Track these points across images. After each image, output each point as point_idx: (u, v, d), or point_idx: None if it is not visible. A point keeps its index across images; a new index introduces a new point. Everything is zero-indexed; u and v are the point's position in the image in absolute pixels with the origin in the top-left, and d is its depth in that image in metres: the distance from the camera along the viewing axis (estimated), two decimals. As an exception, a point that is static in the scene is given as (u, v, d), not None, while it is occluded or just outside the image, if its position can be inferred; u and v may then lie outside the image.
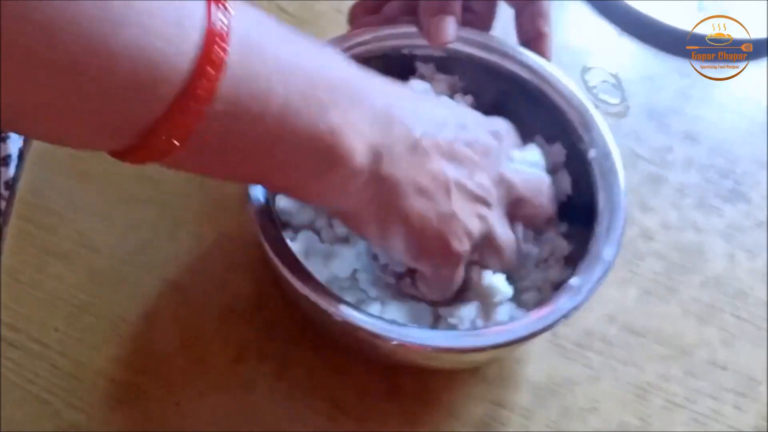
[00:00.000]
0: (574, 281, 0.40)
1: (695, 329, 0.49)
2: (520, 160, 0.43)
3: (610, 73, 0.49)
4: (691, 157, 0.56)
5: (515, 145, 0.44)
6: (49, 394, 0.43)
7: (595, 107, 0.46)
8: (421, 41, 0.47)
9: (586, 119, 0.45)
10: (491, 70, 0.48)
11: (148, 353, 0.45)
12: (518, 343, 0.39)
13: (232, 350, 0.45)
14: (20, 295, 0.46)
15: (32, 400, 0.43)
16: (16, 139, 0.52)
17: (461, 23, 0.47)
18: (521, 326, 0.39)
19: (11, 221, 0.49)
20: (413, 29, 0.47)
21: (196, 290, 0.47)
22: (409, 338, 0.38)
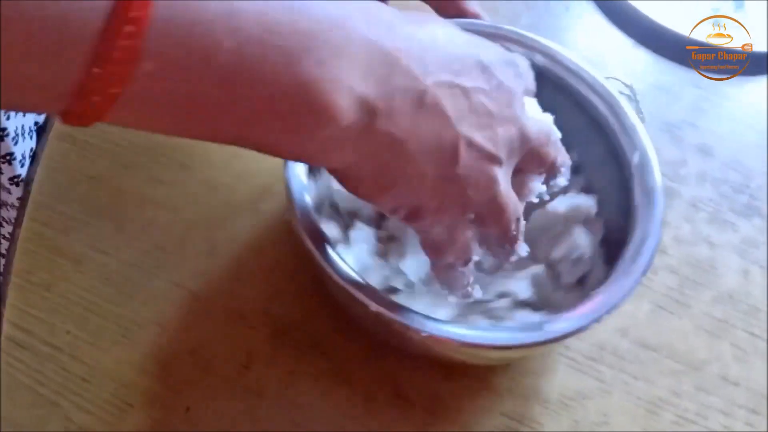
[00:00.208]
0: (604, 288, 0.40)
1: (707, 345, 0.49)
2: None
3: (625, 83, 0.49)
4: (704, 170, 0.56)
5: (530, 90, 0.40)
6: (59, 396, 0.43)
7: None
8: None
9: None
10: None
11: (158, 358, 0.45)
12: (550, 343, 0.39)
13: (241, 356, 0.45)
14: (31, 297, 0.46)
15: (42, 402, 0.43)
16: (28, 138, 0.53)
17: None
18: (554, 328, 0.39)
19: (24, 223, 0.49)
20: None
21: (206, 295, 0.47)
22: (439, 331, 0.38)
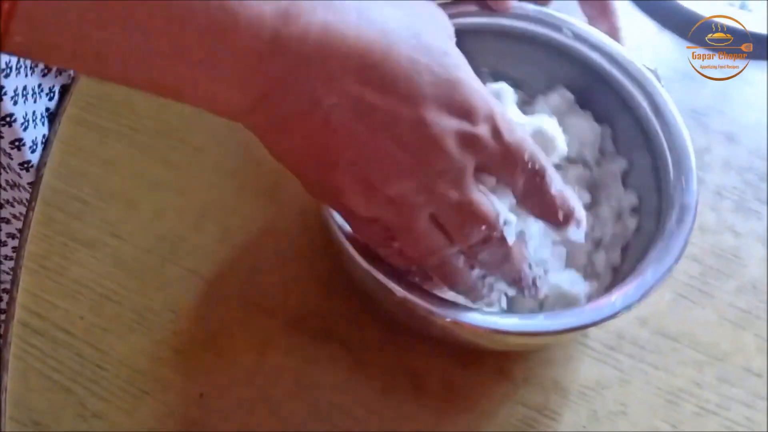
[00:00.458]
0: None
1: (730, 335, 0.48)
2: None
3: (649, 68, 0.47)
4: (730, 158, 0.55)
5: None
6: (73, 383, 0.43)
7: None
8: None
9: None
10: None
11: (172, 344, 0.45)
12: (574, 331, 0.39)
13: (256, 344, 0.45)
14: (45, 282, 0.46)
15: (56, 388, 0.43)
16: (39, 125, 0.52)
17: None
18: (576, 316, 0.39)
19: (37, 207, 0.48)
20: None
21: (221, 282, 0.47)
22: (462, 318, 0.38)
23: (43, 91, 0.52)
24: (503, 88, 0.44)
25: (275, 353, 0.45)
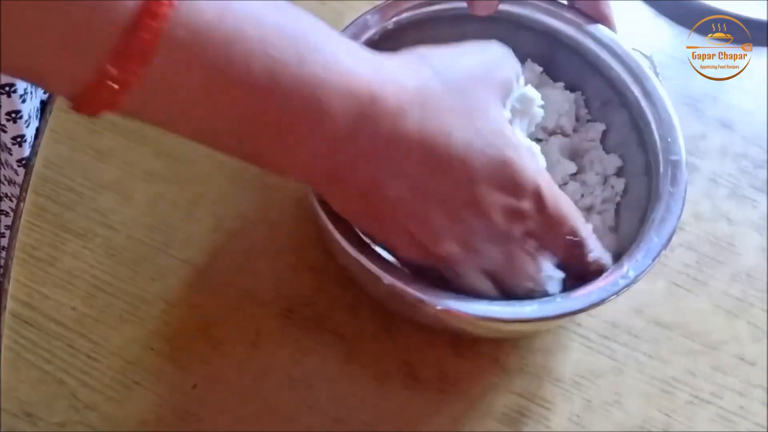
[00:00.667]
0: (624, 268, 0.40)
1: (724, 324, 0.48)
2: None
3: (644, 55, 0.47)
4: (725, 145, 0.55)
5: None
6: (65, 374, 0.43)
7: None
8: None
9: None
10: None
11: (165, 335, 0.44)
12: (565, 316, 0.39)
13: (249, 334, 0.45)
14: (37, 272, 0.46)
15: (48, 379, 0.43)
16: (33, 117, 0.52)
17: None
18: (567, 301, 0.39)
19: (28, 197, 0.48)
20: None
21: (214, 272, 0.47)
22: (452, 306, 0.38)
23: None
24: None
25: (268, 343, 0.44)
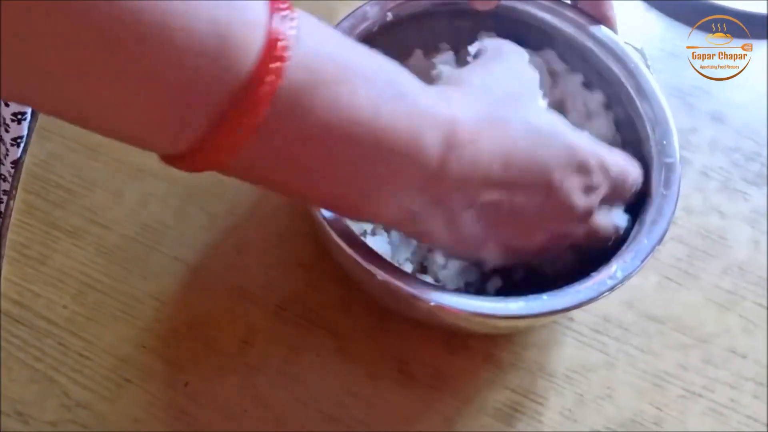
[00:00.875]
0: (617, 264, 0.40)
1: (716, 317, 0.48)
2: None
3: (635, 48, 0.47)
4: (716, 138, 0.55)
5: (621, 195, 0.42)
6: (56, 372, 0.43)
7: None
8: None
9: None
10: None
11: (157, 333, 0.44)
12: (558, 313, 0.39)
13: (241, 332, 0.45)
14: (27, 271, 0.46)
15: (39, 378, 0.43)
16: (27, 116, 0.52)
17: None
18: (555, 299, 0.39)
19: (18, 195, 0.48)
20: None
21: (206, 269, 0.47)
22: (446, 301, 0.38)
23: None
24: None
25: (261, 340, 0.44)
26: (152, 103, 0.27)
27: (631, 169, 0.42)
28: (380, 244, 0.44)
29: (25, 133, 0.50)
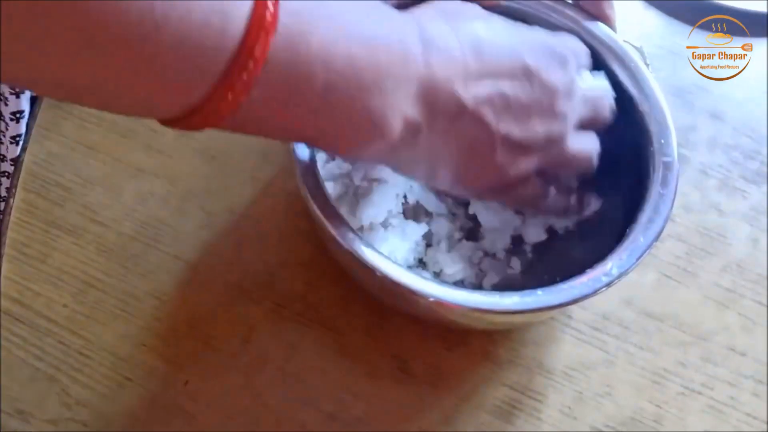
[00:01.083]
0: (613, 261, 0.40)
1: (714, 315, 0.48)
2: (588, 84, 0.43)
3: (634, 46, 0.47)
4: (715, 136, 0.55)
5: (582, 65, 0.43)
6: (56, 370, 0.43)
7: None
8: None
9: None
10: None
11: (156, 331, 0.44)
12: (559, 307, 0.39)
13: (241, 330, 0.45)
14: (27, 269, 0.46)
15: (40, 376, 0.43)
16: (26, 115, 0.52)
17: None
18: (559, 293, 0.39)
19: (17, 194, 0.48)
20: None
21: (205, 268, 0.47)
22: (444, 297, 0.38)
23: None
24: None
25: (260, 338, 0.45)
26: (161, 71, 0.29)
27: (581, 50, 0.44)
28: (379, 240, 0.44)
29: (23, 131, 0.50)
